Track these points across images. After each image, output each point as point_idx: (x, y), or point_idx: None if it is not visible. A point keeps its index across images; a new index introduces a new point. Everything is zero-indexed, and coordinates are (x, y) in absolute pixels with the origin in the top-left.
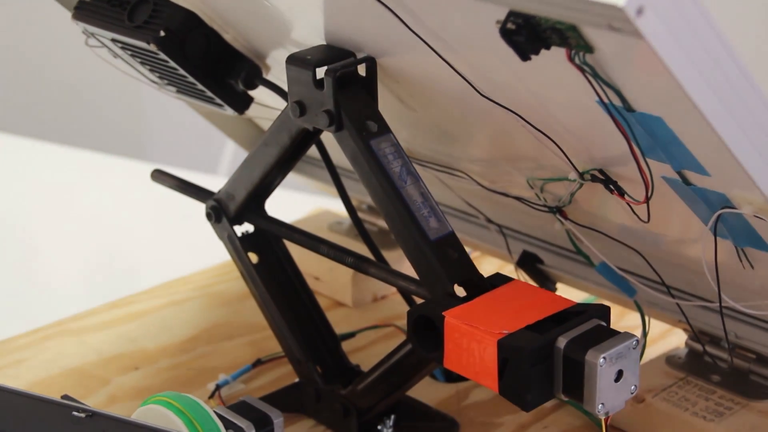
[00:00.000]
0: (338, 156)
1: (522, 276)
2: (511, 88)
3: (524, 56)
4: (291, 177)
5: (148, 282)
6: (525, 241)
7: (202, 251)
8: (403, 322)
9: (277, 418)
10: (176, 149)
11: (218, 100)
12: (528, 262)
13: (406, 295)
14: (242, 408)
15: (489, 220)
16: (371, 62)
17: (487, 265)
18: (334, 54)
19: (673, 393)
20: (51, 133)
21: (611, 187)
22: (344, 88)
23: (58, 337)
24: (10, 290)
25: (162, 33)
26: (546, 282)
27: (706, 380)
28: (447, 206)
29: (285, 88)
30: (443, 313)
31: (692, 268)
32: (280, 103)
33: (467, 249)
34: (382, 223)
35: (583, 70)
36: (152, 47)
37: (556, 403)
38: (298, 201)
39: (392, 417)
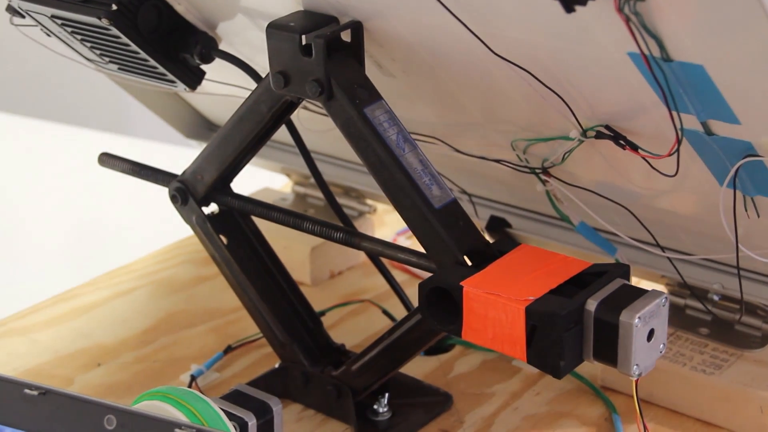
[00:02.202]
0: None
1: None
2: (523, 44)
3: (569, 8)
4: None
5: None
6: (491, 207)
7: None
8: (372, 295)
9: (276, 406)
10: (153, 121)
11: (170, 77)
12: (496, 226)
13: (382, 268)
14: (237, 397)
15: (463, 191)
16: (358, 26)
17: None
18: (318, 20)
19: (667, 349)
20: (28, 107)
21: (621, 142)
22: (331, 54)
23: (4, 337)
24: None
25: (114, 6)
26: None
27: (695, 334)
28: None
29: (244, 59)
30: (461, 283)
31: (670, 222)
32: (231, 78)
33: None
34: None
35: (628, 20)
36: (104, 22)
37: None
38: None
39: (386, 395)
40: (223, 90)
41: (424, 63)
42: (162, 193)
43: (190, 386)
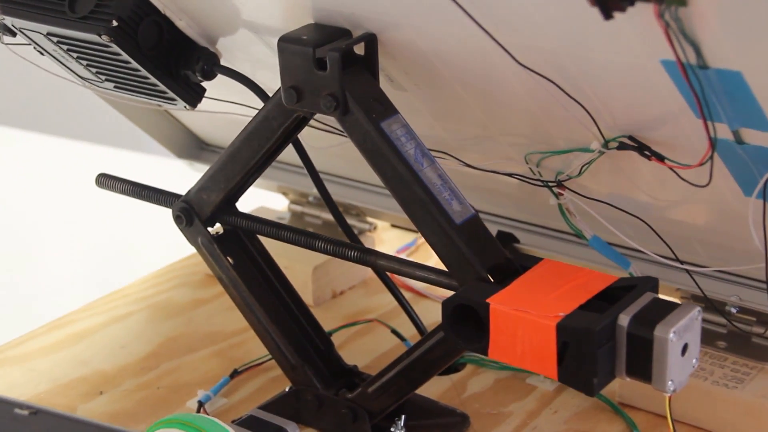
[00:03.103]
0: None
1: None
2: (549, 54)
3: (608, 14)
4: None
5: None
6: (498, 223)
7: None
8: (376, 315)
9: (294, 430)
10: None
11: (171, 94)
12: (504, 242)
13: (391, 287)
14: (253, 423)
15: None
16: (372, 39)
17: None
18: (330, 33)
19: None
20: (47, 125)
21: (647, 153)
22: (345, 68)
23: (1, 366)
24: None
25: (115, 23)
26: None
27: (712, 347)
28: None
29: (247, 75)
30: (487, 300)
31: (685, 234)
32: (228, 95)
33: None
34: (326, 216)
35: (668, 26)
36: (105, 39)
37: (558, 385)
38: None
39: (402, 417)
40: (221, 108)
41: (440, 75)
42: (153, 215)
43: (198, 413)
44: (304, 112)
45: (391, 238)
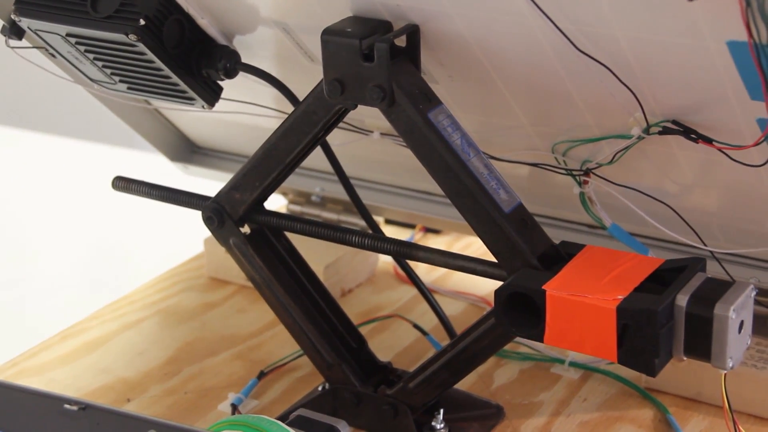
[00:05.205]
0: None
1: None
2: (607, 40)
3: None
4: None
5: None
6: None
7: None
8: (387, 311)
9: (345, 429)
10: None
11: (190, 94)
12: None
13: (416, 280)
14: (304, 423)
15: None
16: (415, 30)
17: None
18: (372, 25)
19: None
20: (41, 124)
21: (693, 136)
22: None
23: (20, 378)
24: None
25: (142, 21)
26: None
27: None
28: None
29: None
30: (542, 287)
31: (704, 219)
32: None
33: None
34: (326, 215)
35: (747, 6)
36: (131, 39)
37: (583, 373)
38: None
39: (441, 411)
40: (230, 108)
41: (479, 66)
42: (148, 218)
43: (233, 415)
44: (347, 104)
45: (387, 234)
